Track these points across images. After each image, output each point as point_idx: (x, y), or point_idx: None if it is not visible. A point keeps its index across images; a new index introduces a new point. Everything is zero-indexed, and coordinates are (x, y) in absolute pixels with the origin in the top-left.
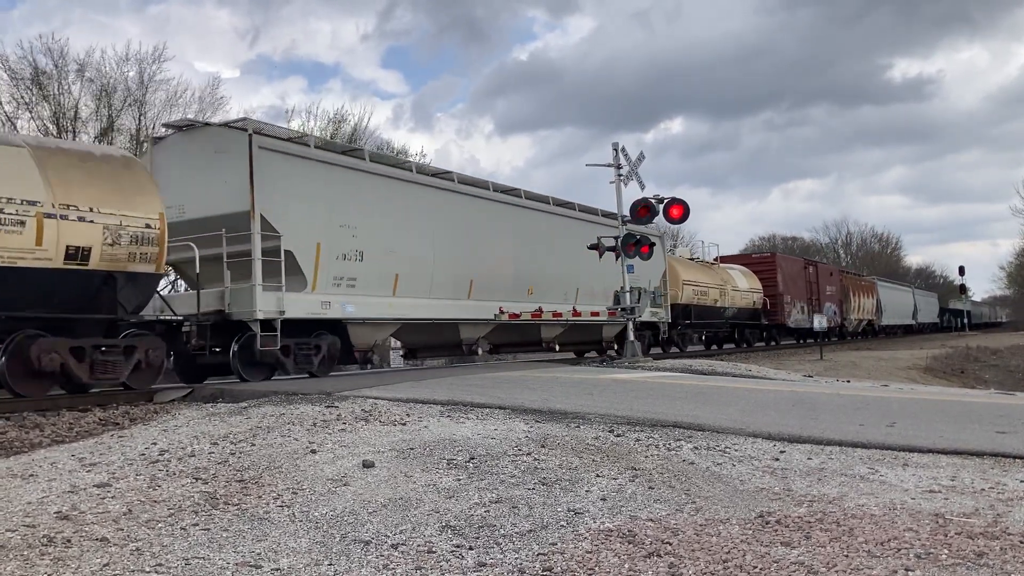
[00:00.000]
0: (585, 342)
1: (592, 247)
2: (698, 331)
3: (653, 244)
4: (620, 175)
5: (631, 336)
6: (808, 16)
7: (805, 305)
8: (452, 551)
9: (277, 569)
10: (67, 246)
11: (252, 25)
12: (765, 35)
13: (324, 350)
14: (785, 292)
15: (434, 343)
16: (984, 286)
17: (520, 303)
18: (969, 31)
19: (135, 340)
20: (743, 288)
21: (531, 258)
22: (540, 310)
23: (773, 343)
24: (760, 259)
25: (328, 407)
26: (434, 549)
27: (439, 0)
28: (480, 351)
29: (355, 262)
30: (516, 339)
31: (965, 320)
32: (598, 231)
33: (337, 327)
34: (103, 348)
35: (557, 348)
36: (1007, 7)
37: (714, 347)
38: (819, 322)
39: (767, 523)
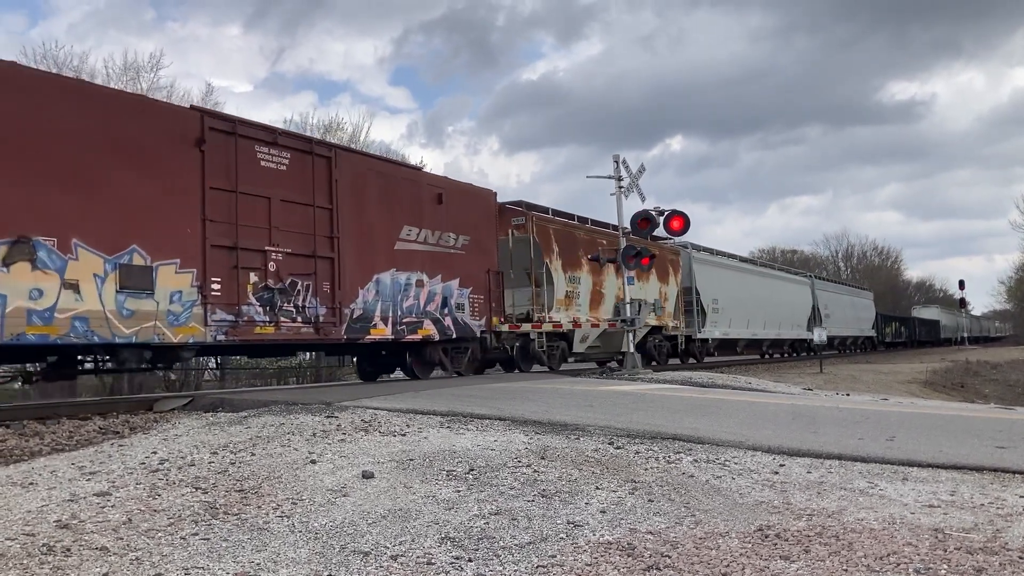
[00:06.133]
0: None
1: (593, 259)
2: None
3: (640, 253)
4: (621, 187)
5: (631, 348)
6: (804, 41)
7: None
8: (451, 563)
9: None
10: None
11: (279, 46)
12: (765, 58)
13: None
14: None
15: None
16: (983, 300)
17: None
18: (964, 57)
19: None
20: None
21: None
22: None
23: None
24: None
25: (328, 417)
26: (433, 561)
27: (454, 27)
28: None
29: None
30: None
31: (964, 335)
32: None
33: None
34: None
35: None
36: (1000, 35)
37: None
38: (819, 335)
39: (766, 536)
